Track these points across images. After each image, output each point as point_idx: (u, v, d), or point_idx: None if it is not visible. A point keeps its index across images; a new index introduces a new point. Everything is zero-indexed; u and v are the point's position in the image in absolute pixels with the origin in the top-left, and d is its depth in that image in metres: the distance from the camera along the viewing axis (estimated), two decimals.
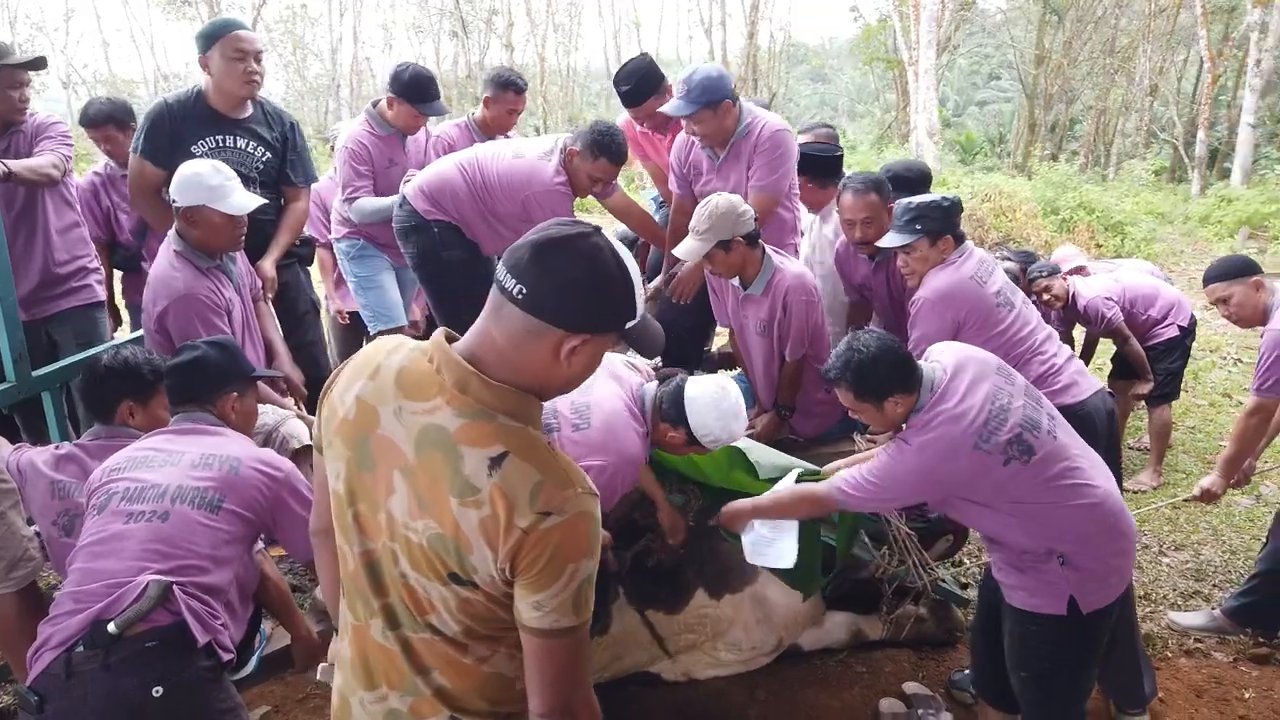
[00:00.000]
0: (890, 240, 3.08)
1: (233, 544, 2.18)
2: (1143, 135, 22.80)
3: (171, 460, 2.23)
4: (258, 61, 3.45)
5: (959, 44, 26.61)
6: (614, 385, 2.56)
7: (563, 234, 1.21)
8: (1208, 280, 3.44)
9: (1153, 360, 4.68)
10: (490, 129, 4.25)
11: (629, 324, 1.25)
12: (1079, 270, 4.97)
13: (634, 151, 4.19)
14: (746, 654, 3.11)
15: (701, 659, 3.09)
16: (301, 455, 2.97)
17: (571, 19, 28.40)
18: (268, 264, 3.51)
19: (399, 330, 4.20)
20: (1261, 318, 3.30)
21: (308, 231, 4.13)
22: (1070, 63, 23.47)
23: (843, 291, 3.79)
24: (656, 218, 4.25)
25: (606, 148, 3.50)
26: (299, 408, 3.37)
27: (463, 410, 1.22)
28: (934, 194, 3.15)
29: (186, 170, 3.05)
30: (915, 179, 3.83)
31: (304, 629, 2.54)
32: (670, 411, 2.52)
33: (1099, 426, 2.81)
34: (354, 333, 4.89)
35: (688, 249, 3.13)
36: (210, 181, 3.01)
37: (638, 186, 12.41)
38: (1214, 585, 3.75)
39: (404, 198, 3.66)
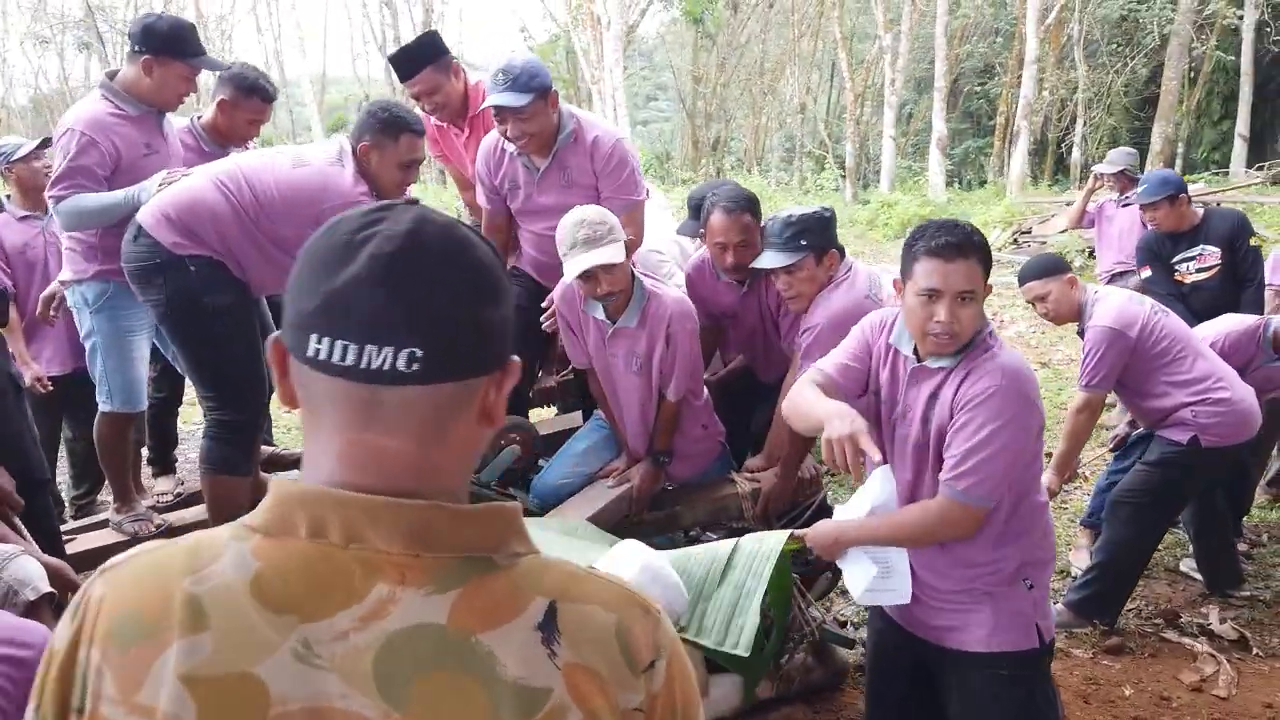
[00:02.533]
0: (771, 260, 2.83)
1: None
2: (793, 149, 25.27)
3: None
4: None
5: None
6: None
7: (401, 237, 0.70)
8: (1024, 279, 3.59)
9: None
10: (223, 137, 3.35)
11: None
12: None
13: (430, 148, 3.59)
14: None
15: None
16: (39, 608, 2.11)
17: (223, 35, 25.98)
18: None
19: (136, 415, 3.27)
20: (1077, 314, 3.49)
21: None
22: (724, 83, 25.43)
23: None
24: None
25: (401, 122, 2.83)
26: (19, 535, 2.45)
27: (441, 579, 0.69)
28: (810, 206, 2.97)
29: None
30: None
31: None
32: None
33: None
34: (56, 405, 3.88)
35: (602, 254, 2.66)
36: None
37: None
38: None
39: (139, 228, 2.75)
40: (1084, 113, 17.87)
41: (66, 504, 3.98)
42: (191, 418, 5.17)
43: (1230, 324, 3.69)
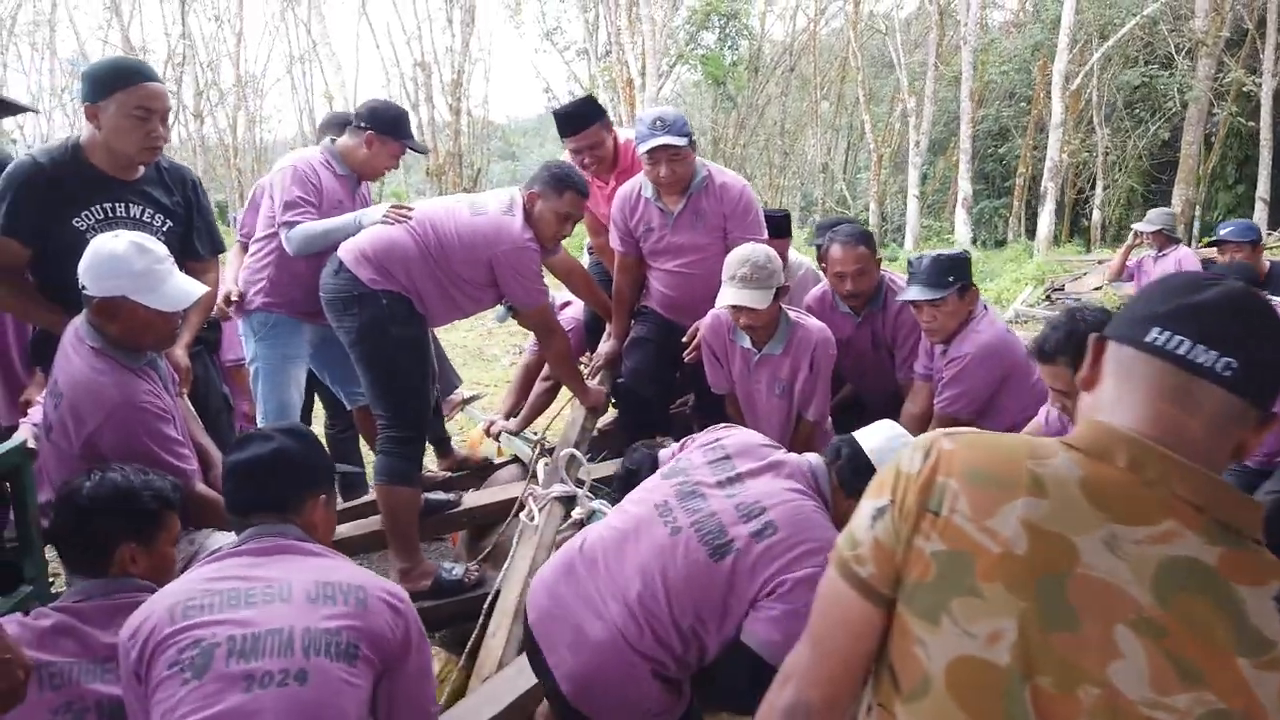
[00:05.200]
0: (919, 294, 3.09)
1: (368, 709, 1.65)
2: (808, 208, 25.80)
3: (279, 593, 1.64)
4: (163, 122, 2.73)
5: None
6: (767, 472, 2.15)
7: (1241, 290, 1.00)
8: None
9: None
10: (359, 167, 3.55)
11: None
12: None
13: None
14: None
15: None
16: None
17: (256, 94, 26.88)
18: (180, 352, 2.76)
19: None
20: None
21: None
22: (744, 144, 26.07)
23: None
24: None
25: (569, 180, 3.22)
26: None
27: (1211, 535, 0.94)
28: (954, 248, 3.26)
29: (101, 250, 2.32)
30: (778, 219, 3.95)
31: None
32: (861, 485, 2.20)
33: None
34: None
35: (750, 296, 2.94)
36: (134, 266, 2.31)
37: None
38: None
39: (340, 263, 3.07)
40: (1104, 175, 18.33)
41: None
42: None
43: None
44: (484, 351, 10.14)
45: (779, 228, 3.87)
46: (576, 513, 3.10)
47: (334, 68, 45.95)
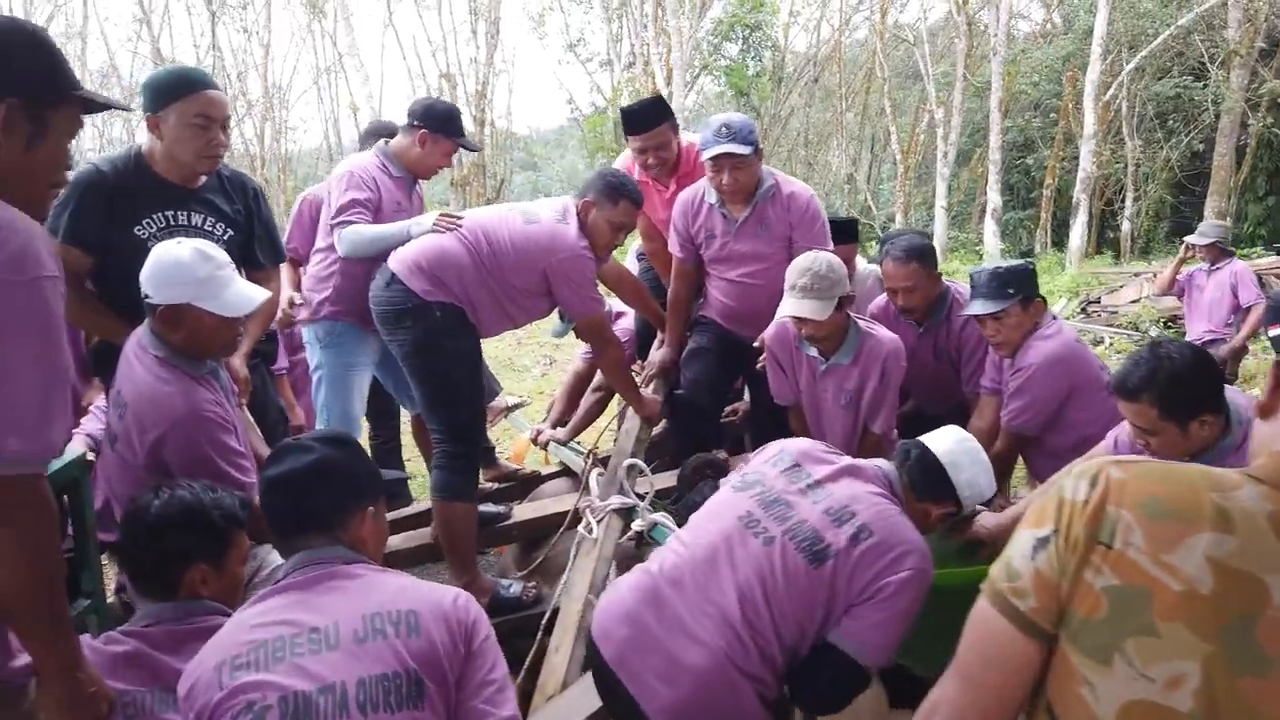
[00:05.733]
0: (979, 308, 3.03)
1: None
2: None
3: (325, 640, 1.51)
4: (224, 130, 2.73)
5: None
6: (845, 476, 2.11)
7: None
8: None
9: None
10: (412, 166, 3.51)
11: None
12: None
13: None
14: None
15: None
16: None
17: (282, 105, 27.12)
18: (238, 361, 2.72)
19: None
20: None
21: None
22: (769, 154, 26.00)
23: None
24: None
25: (624, 189, 3.18)
26: None
27: None
28: (1014, 260, 3.18)
29: (165, 257, 2.30)
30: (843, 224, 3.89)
31: None
32: (931, 487, 2.15)
33: None
34: None
35: (808, 307, 2.87)
36: (198, 273, 2.27)
37: None
38: None
39: (392, 275, 3.02)
40: (1134, 187, 18.13)
41: None
42: None
43: None
44: (515, 362, 10.11)
45: (846, 233, 3.80)
46: (636, 525, 3.03)
47: (361, 79, 46.34)
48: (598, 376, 4.29)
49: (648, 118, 3.54)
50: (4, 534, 1.33)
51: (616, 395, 4.36)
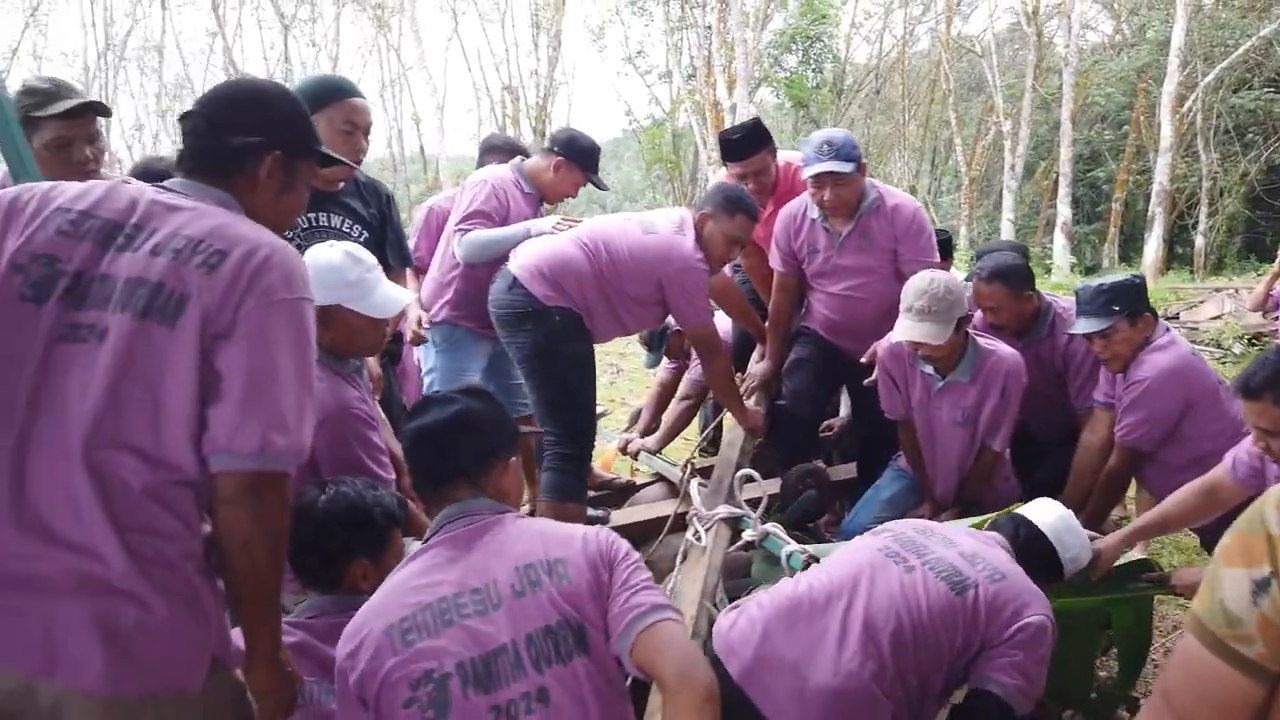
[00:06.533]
0: (1085, 326, 3.00)
1: (625, 700, 1.62)
2: None
3: (488, 598, 1.56)
4: (366, 135, 2.85)
5: None
6: (966, 537, 2.22)
7: None
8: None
9: None
10: (544, 189, 3.64)
11: None
12: None
13: None
14: None
15: None
16: None
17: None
18: (373, 360, 2.81)
19: None
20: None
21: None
22: None
23: None
24: None
25: (742, 203, 3.24)
26: None
27: None
28: (1122, 274, 3.14)
29: (318, 260, 2.36)
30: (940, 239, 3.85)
31: None
32: (1043, 570, 2.23)
33: None
34: None
35: (925, 331, 2.88)
36: (348, 275, 2.35)
37: None
38: None
39: (513, 279, 3.10)
40: (1209, 201, 17.69)
41: None
42: None
43: None
44: None
45: (940, 248, 3.80)
46: (748, 534, 3.05)
47: (429, 91, 47.15)
48: (683, 386, 4.33)
49: (747, 146, 3.59)
50: (256, 524, 1.43)
51: (701, 406, 4.43)
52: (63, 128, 2.53)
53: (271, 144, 1.63)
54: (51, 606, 1.32)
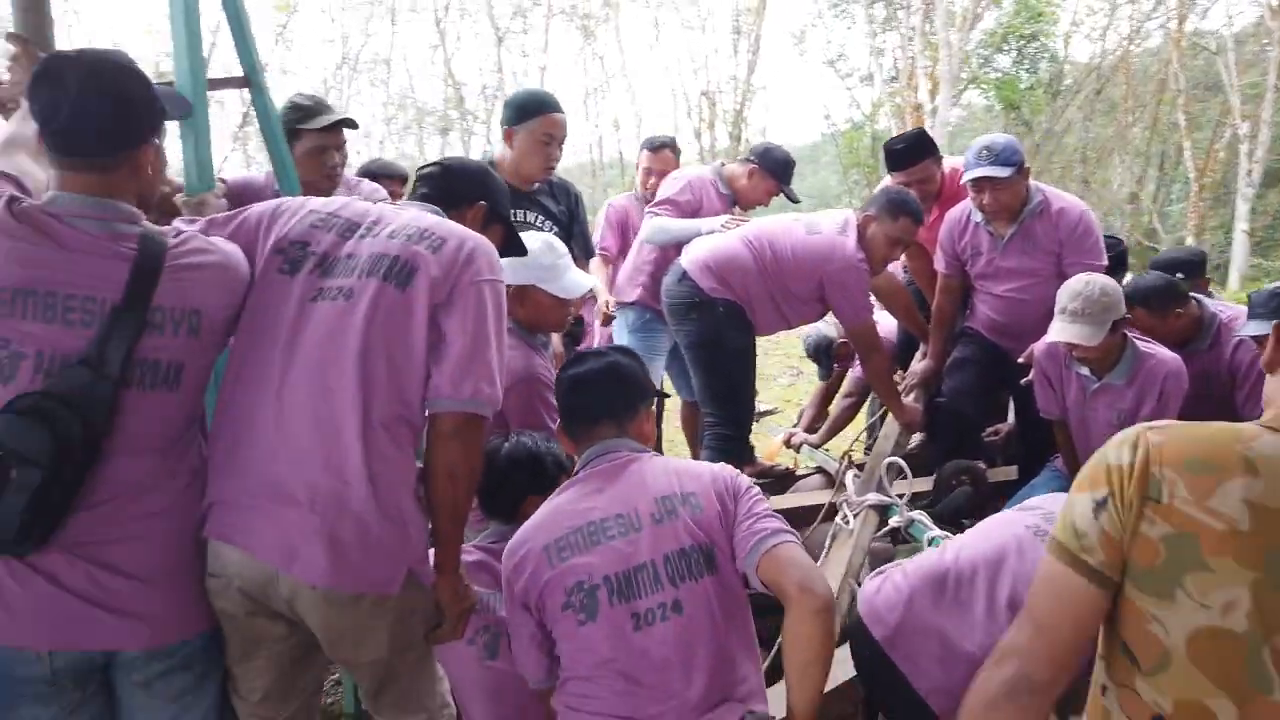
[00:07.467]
0: (1253, 329, 2.99)
1: (748, 613, 1.88)
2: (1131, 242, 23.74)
3: (630, 523, 1.84)
4: (561, 145, 3.26)
5: None
6: None
7: None
8: None
9: None
10: (740, 195, 3.98)
11: None
12: None
13: None
14: None
15: None
16: None
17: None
18: (556, 338, 3.21)
19: None
20: None
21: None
22: (1039, 172, 24.50)
23: None
24: None
25: (906, 206, 3.39)
26: None
27: None
28: None
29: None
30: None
31: None
32: None
33: None
34: None
35: (1077, 332, 2.93)
36: (544, 260, 2.74)
37: None
38: None
39: (683, 271, 3.42)
40: None
41: None
42: None
43: None
44: (762, 371, 10.34)
45: (1112, 261, 3.75)
46: (894, 520, 3.19)
47: (629, 98, 48.75)
48: (846, 384, 4.47)
49: (909, 155, 3.73)
50: (464, 457, 1.81)
51: (865, 404, 4.56)
52: (320, 139, 3.05)
53: (479, 197, 2.15)
54: (298, 516, 1.72)
